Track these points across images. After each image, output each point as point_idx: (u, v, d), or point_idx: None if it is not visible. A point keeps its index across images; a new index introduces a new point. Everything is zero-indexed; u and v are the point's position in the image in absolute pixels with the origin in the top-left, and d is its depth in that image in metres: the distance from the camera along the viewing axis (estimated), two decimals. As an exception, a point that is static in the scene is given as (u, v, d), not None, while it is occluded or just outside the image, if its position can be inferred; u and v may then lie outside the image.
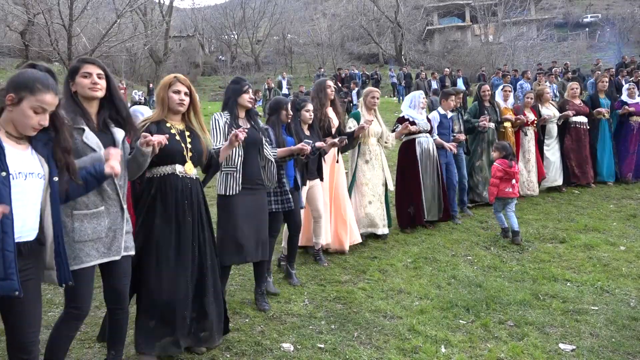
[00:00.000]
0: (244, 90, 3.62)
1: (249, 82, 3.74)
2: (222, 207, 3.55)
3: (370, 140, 5.41)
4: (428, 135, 5.91)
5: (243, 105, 3.63)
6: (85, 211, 2.47)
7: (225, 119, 3.56)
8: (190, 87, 3.06)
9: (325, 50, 35.96)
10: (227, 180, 3.48)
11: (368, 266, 4.75)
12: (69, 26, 15.22)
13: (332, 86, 5.09)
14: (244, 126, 3.55)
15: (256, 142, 3.60)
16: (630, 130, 7.69)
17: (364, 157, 5.42)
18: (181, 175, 2.95)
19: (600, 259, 4.77)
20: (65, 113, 2.36)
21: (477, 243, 5.40)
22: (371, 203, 5.39)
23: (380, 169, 5.46)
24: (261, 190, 3.66)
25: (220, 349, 3.20)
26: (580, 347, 3.18)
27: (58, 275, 2.23)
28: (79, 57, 2.66)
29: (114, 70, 29.73)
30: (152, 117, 3.01)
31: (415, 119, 5.77)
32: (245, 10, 40.80)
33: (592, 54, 29.29)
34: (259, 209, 3.62)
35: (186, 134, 3.03)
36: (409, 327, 3.48)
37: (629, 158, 7.71)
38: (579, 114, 7.43)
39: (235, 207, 3.48)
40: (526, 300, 3.88)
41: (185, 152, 2.98)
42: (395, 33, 32.24)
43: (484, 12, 33.67)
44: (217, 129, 3.54)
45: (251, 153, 3.56)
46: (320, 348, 3.22)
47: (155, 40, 26.68)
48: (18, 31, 20.73)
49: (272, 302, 3.94)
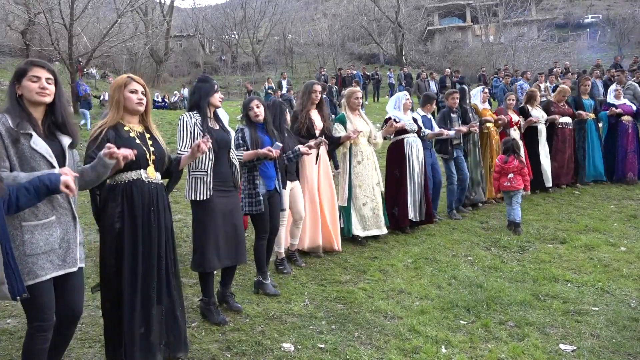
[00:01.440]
0: (215, 90, 3.52)
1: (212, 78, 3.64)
2: (196, 213, 3.44)
3: (360, 140, 5.32)
4: (416, 135, 5.84)
5: (214, 105, 3.53)
6: (35, 222, 2.32)
7: (196, 119, 3.41)
8: (145, 87, 2.92)
9: (325, 51, 35.96)
10: (197, 185, 3.35)
11: (368, 266, 4.75)
12: (70, 26, 15.20)
13: (317, 91, 4.96)
14: (214, 127, 3.48)
15: (227, 143, 3.50)
16: (625, 129, 7.74)
17: (356, 159, 5.35)
18: (147, 181, 2.79)
19: (601, 260, 4.76)
20: (10, 118, 2.29)
21: (478, 243, 5.40)
22: (365, 205, 5.34)
23: (373, 168, 5.41)
24: (234, 192, 3.57)
25: (221, 349, 3.20)
26: (581, 348, 3.18)
27: (10, 289, 2.07)
28: (27, 59, 2.52)
29: (114, 70, 29.79)
30: (107, 122, 2.79)
31: (402, 120, 5.71)
32: (246, 10, 40.79)
33: (593, 55, 29.26)
34: (233, 211, 3.52)
35: (146, 136, 2.88)
36: (410, 327, 3.48)
37: (630, 157, 7.73)
38: (563, 116, 7.51)
39: (211, 211, 3.38)
40: (527, 300, 3.88)
41: (148, 155, 2.82)
42: (395, 33, 32.23)
43: (484, 13, 33.65)
44: (185, 131, 3.37)
45: (222, 155, 3.46)
46: (321, 348, 3.22)
47: (156, 40, 26.66)
48: (19, 31, 20.71)
49: (273, 302, 3.94)
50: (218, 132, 3.46)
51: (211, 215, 3.38)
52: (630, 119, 7.80)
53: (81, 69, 18.95)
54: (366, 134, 5.38)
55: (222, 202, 3.42)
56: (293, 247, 4.79)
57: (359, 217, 5.34)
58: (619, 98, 7.94)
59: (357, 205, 5.33)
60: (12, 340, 3.31)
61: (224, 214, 3.43)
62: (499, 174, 5.82)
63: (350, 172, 5.34)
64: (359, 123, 5.36)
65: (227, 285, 3.79)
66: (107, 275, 2.77)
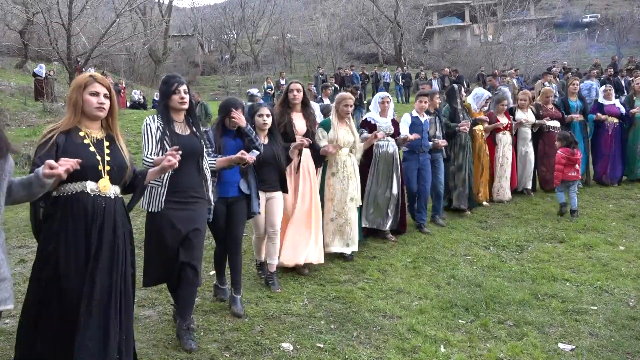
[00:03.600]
0: (172, 91, 3.14)
1: (182, 80, 3.23)
2: (147, 224, 3.18)
3: (341, 150, 4.92)
4: (390, 139, 5.44)
5: (174, 108, 3.17)
6: None
7: (158, 124, 3.13)
8: (110, 88, 2.61)
9: (324, 50, 35.93)
10: (150, 195, 3.08)
11: (367, 266, 4.74)
12: (68, 25, 15.18)
13: (295, 90, 4.62)
14: (182, 132, 3.18)
15: (195, 151, 3.16)
16: (605, 131, 7.66)
17: (330, 169, 4.95)
18: (93, 194, 2.46)
19: (600, 259, 4.77)
20: None
21: (477, 243, 5.40)
22: (333, 220, 4.90)
23: (350, 182, 4.93)
24: (198, 204, 3.21)
25: (220, 349, 3.20)
26: (580, 347, 3.18)
27: None
28: None
29: (113, 69, 29.76)
30: (61, 125, 2.51)
31: (377, 122, 5.40)
32: (245, 10, 40.78)
33: (592, 54, 29.29)
34: (192, 225, 3.14)
35: (105, 144, 2.57)
36: (409, 326, 3.48)
37: (603, 159, 7.69)
38: (552, 119, 7.38)
39: (159, 226, 3.08)
40: (525, 300, 3.88)
41: (101, 165, 2.50)
42: (394, 33, 32.17)
43: (483, 12, 33.61)
44: (149, 135, 3.11)
45: (188, 164, 3.10)
46: (320, 348, 3.21)
47: (155, 39, 26.63)
48: (17, 30, 20.71)
49: (272, 302, 3.94)
50: (186, 138, 3.15)
51: (157, 230, 3.08)
52: (615, 120, 7.67)
53: (80, 68, 18.92)
54: (349, 144, 4.97)
55: (176, 216, 3.08)
56: (272, 268, 4.26)
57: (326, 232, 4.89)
58: (609, 98, 7.83)
59: (325, 219, 4.86)
60: (11, 340, 3.30)
61: (175, 228, 3.07)
62: (564, 165, 6.17)
63: (323, 183, 4.93)
64: (343, 132, 4.93)
65: (182, 315, 3.25)
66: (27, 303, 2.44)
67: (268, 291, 4.15)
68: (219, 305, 3.89)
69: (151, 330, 3.47)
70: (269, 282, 4.26)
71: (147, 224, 3.20)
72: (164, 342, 3.28)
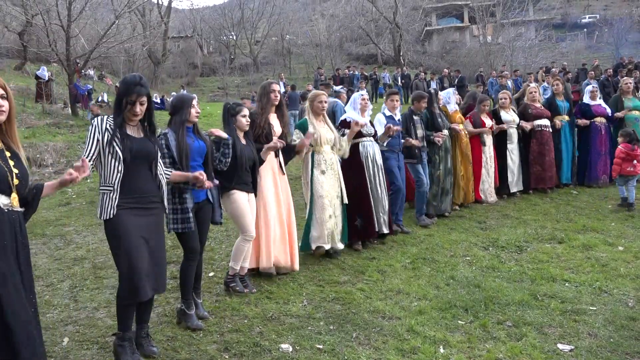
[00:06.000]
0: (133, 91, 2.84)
1: (142, 90, 2.88)
2: (107, 235, 2.92)
3: (324, 148, 4.90)
4: (372, 139, 5.44)
5: (126, 115, 2.90)
6: None
7: (108, 124, 2.88)
8: (6, 88, 2.27)
9: (323, 51, 35.95)
10: (103, 201, 2.85)
11: (367, 267, 4.74)
12: (67, 27, 15.15)
13: (277, 91, 4.51)
14: (135, 135, 2.94)
15: (148, 155, 2.96)
16: (598, 131, 7.68)
17: (319, 168, 4.89)
18: (7, 210, 2.23)
19: (599, 259, 4.77)
20: None
21: (476, 244, 5.40)
22: (331, 217, 4.88)
23: (336, 179, 4.96)
24: (156, 210, 3.02)
25: (219, 350, 3.20)
26: (579, 347, 3.18)
27: None
28: None
29: (112, 71, 29.77)
30: None
31: (357, 122, 5.25)
32: (244, 11, 40.82)
33: (590, 55, 29.32)
34: (153, 232, 2.98)
35: (6, 154, 2.29)
36: (408, 327, 3.48)
37: (602, 159, 7.68)
38: (541, 118, 7.40)
39: (123, 232, 2.83)
40: (525, 300, 3.88)
41: (11, 178, 2.25)
42: (393, 34, 32.19)
43: (482, 13, 33.65)
44: (91, 137, 2.84)
45: (140, 167, 2.93)
46: (319, 349, 3.21)
47: (154, 41, 26.63)
48: (16, 32, 20.70)
49: (271, 303, 3.94)
50: (139, 140, 2.94)
51: (125, 236, 2.83)
52: (604, 120, 7.71)
53: (79, 70, 18.93)
54: (330, 141, 4.94)
55: (137, 222, 2.88)
56: (243, 271, 4.21)
57: (321, 230, 4.83)
58: (595, 99, 7.87)
59: (322, 218, 4.81)
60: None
61: (138, 236, 2.87)
62: (622, 160, 6.45)
63: (312, 182, 4.86)
64: (323, 130, 4.90)
65: (143, 324, 3.15)
66: None
67: (267, 292, 4.15)
68: (218, 306, 3.89)
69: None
70: (242, 283, 4.17)
71: (108, 236, 2.91)
72: (162, 344, 3.28)
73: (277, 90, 4.52)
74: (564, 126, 7.61)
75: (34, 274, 4.81)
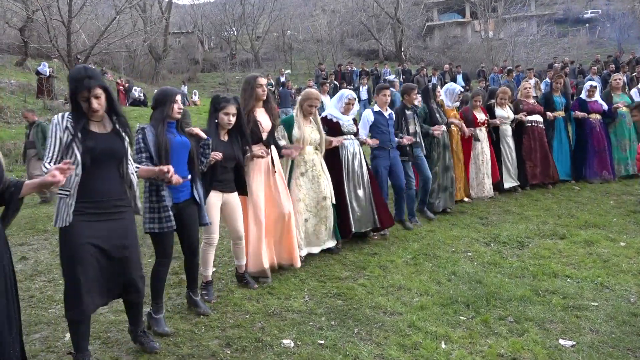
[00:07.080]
0: (85, 85, 2.60)
1: (90, 72, 2.65)
2: (60, 243, 2.72)
3: (306, 149, 4.77)
4: (353, 137, 5.31)
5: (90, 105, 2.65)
6: None
7: (67, 122, 2.63)
8: None
9: (325, 47, 35.84)
10: (59, 207, 2.65)
11: (368, 262, 4.75)
12: (68, 23, 15.16)
13: (264, 85, 4.30)
14: (100, 130, 2.73)
15: (115, 153, 2.74)
16: (593, 127, 7.66)
17: (298, 169, 4.77)
18: None
19: (601, 255, 4.77)
20: None
21: (477, 239, 5.40)
22: (307, 221, 4.78)
23: (320, 180, 4.82)
24: (123, 214, 2.81)
25: (221, 345, 3.21)
26: (580, 343, 3.18)
27: None
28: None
29: (113, 66, 29.73)
30: None
31: (340, 119, 5.22)
32: (245, 7, 40.70)
33: (592, 50, 29.21)
34: (119, 238, 2.76)
35: None
36: (409, 323, 3.48)
37: (599, 156, 7.65)
38: (534, 113, 7.38)
39: (74, 242, 2.62)
40: (526, 296, 3.88)
41: None
42: (395, 29, 32.09)
43: (484, 8, 33.52)
44: (52, 138, 2.61)
45: (105, 168, 2.72)
46: (321, 344, 3.22)
47: (155, 36, 26.60)
48: (17, 28, 20.70)
49: (272, 299, 3.95)
50: (104, 137, 2.72)
51: (73, 248, 2.63)
52: (599, 117, 7.68)
53: (80, 66, 18.86)
54: (315, 142, 4.82)
55: (92, 230, 2.66)
56: (241, 269, 4.22)
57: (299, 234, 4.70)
58: (592, 96, 7.81)
59: (298, 221, 4.68)
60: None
61: (93, 245, 2.66)
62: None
63: (290, 184, 4.71)
64: (308, 130, 4.78)
65: (137, 325, 3.11)
66: None
67: (269, 288, 4.16)
68: (220, 302, 3.90)
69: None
70: (242, 281, 4.20)
71: (60, 244, 2.71)
72: (165, 340, 3.29)
73: (263, 85, 4.31)
74: (559, 122, 7.60)
75: (37, 269, 4.84)
